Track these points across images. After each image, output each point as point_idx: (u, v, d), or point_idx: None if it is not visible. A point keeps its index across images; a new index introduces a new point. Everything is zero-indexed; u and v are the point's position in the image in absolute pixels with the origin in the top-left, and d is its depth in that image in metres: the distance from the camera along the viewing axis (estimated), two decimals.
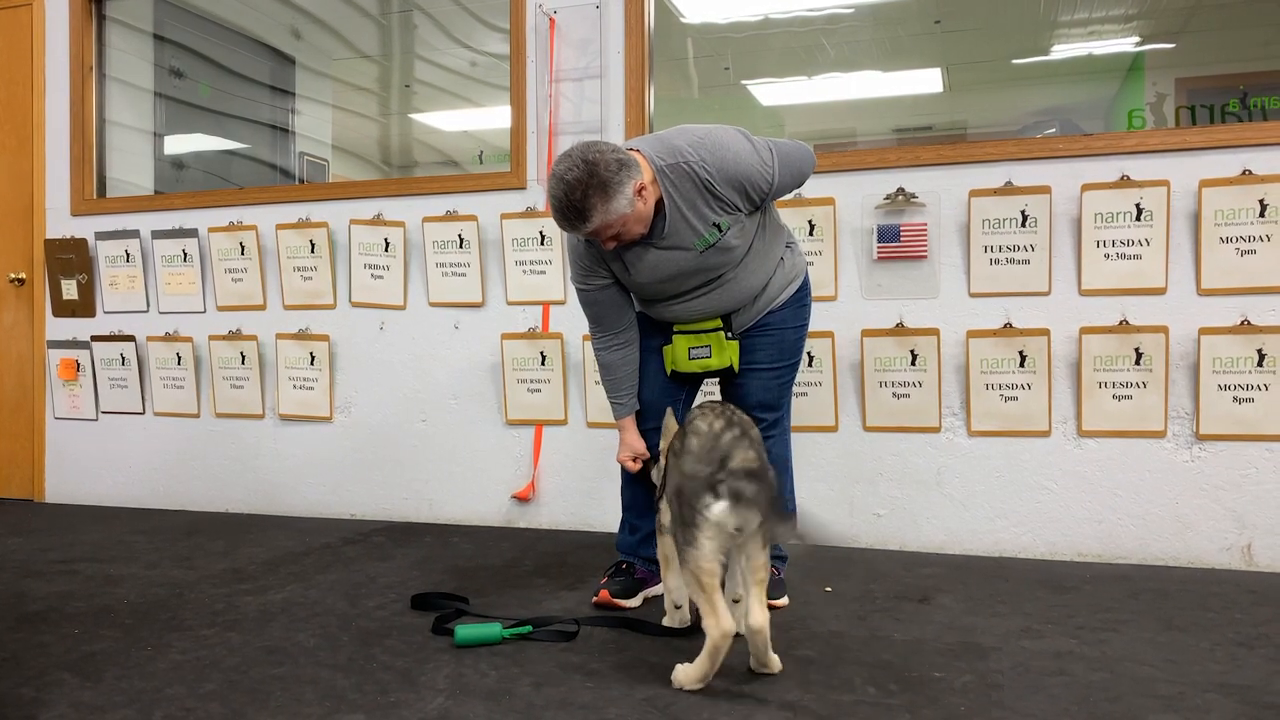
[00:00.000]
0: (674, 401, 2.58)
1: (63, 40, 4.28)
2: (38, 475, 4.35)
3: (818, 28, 5.74)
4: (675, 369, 2.53)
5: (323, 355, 3.89)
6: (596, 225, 2.21)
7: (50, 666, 2.10)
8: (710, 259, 2.36)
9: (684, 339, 2.50)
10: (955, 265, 3.20)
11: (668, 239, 2.33)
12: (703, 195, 2.28)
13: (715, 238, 2.32)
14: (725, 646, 1.90)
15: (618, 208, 2.19)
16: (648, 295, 2.50)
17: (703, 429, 2.02)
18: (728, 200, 2.29)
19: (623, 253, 2.38)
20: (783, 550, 2.67)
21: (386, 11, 5.99)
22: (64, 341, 4.29)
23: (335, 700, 1.89)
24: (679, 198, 2.29)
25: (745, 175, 2.28)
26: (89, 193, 4.28)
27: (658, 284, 2.42)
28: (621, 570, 2.61)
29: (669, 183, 2.28)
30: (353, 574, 2.92)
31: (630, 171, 2.20)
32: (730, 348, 2.49)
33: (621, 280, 2.48)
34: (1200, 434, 2.99)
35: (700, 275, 2.39)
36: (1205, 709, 1.84)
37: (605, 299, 2.50)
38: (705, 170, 2.26)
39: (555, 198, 2.22)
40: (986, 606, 2.55)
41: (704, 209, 2.29)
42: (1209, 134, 3.02)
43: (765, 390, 2.52)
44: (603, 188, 2.17)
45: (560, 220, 2.24)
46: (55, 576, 2.92)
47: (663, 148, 2.31)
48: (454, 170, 7.81)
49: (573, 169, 2.19)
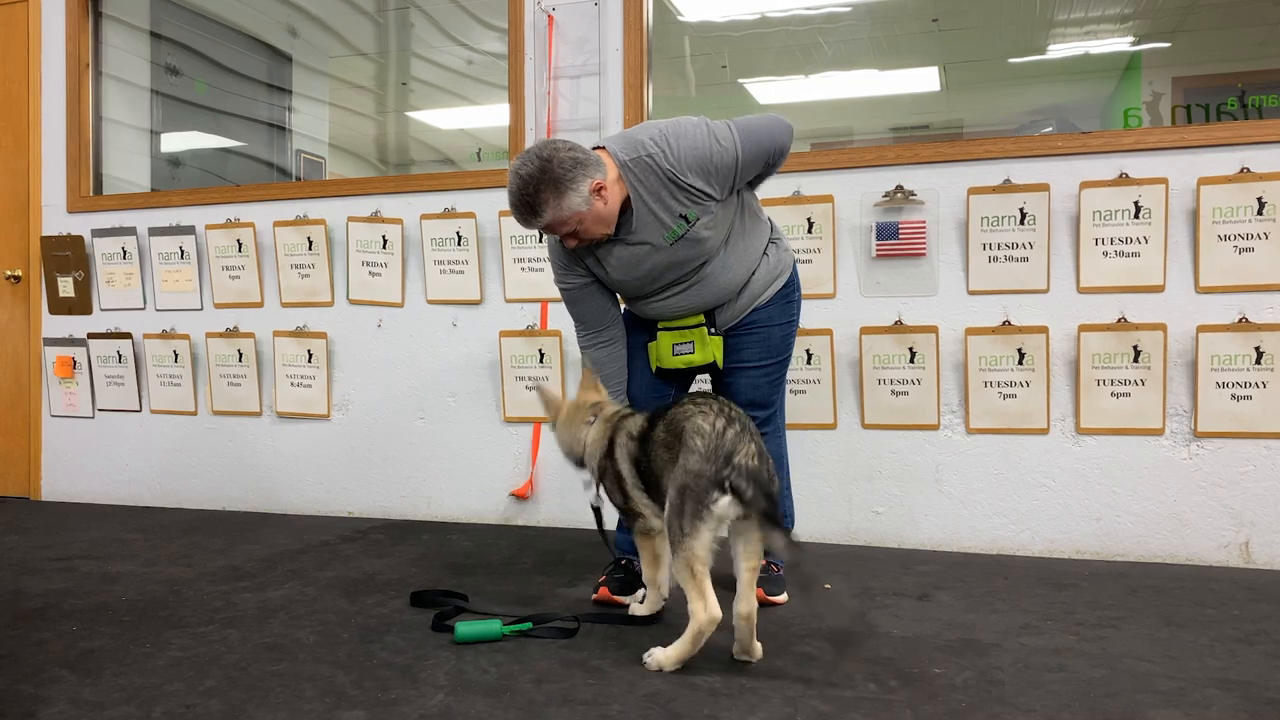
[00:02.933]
0: (663, 397, 2.58)
1: (59, 37, 4.27)
2: (34, 473, 4.34)
3: (815, 26, 5.75)
4: (660, 365, 2.54)
5: (320, 353, 3.89)
6: (549, 220, 2.25)
7: (49, 663, 2.10)
8: (681, 252, 2.36)
9: (668, 335, 2.51)
10: (954, 263, 3.21)
11: (636, 234, 2.34)
12: (667, 187, 2.29)
13: (683, 229, 2.32)
14: (709, 632, 1.99)
15: (570, 204, 2.22)
16: (628, 292, 2.50)
17: (705, 428, 2.03)
18: (695, 189, 2.29)
19: (595, 249, 2.40)
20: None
21: (383, 9, 5.99)
22: (60, 339, 4.27)
23: (336, 697, 1.89)
24: (644, 191, 2.30)
25: (706, 157, 2.28)
26: (85, 190, 4.26)
27: (634, 281, 2.42)
28: (621, 567, 2.61)
29: (633, 177, 2.30)
30: (351, 571, 2.92)
31: (587, 170, 2.23)
32: (714, 343, 2.49)
33: (600, 278, 2.48)
34: (1198, 431, 3.00)
35: (675, 270, 2.39)
36: (1205, 704, 1.84)
37: (586, 297, 2.51)
38: (667, 161, 2.28)
39: (510, 192, 2.27)
40: (985, 603, 2.55)
41: (670, 201, 2.30)
42: (1207, 132, 3.02)
43: (754, 388, 2.52)
44: (555, 184, 2.21)
45: (515, 214, 2.29)
46: (53, 574, 2.92)
47: (626, 143, 2.34)
48: (451, 168, 7.80)
49: (527, 164, 2.23)
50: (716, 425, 2.03)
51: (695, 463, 2.00)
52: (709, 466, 1.98)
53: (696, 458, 2.00)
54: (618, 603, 2.50)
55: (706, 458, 1.99)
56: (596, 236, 2.32)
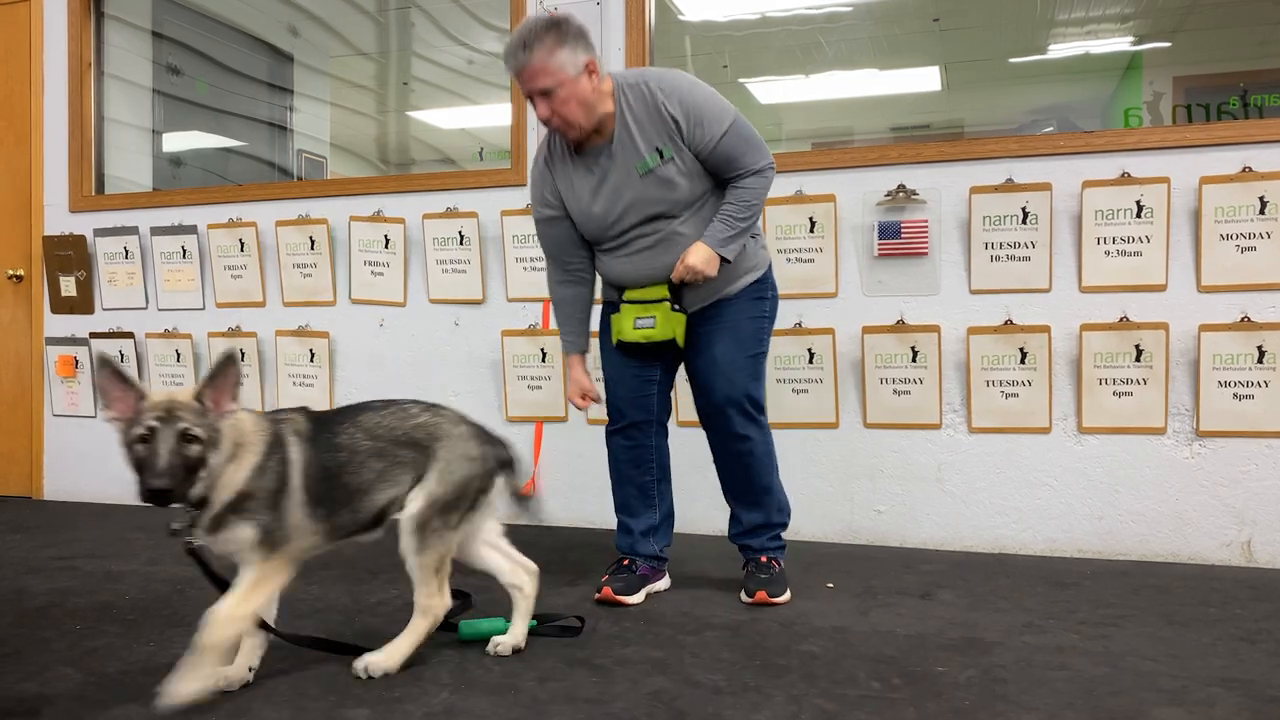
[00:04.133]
0: (645, 398, 2.61)
1: (61, 37, 4.27)
2: (36, 472, 4.34)
3: (817, 26, 5.75)
4: (620, 339, 2.53)
5: (322, 352, 3.89)
6: (535, 63, 2.30)
7: (53, 662, 2.10)
8: (650, 190, 2.40)
9: (631, 309, 2.51)
10: (956, 262, 3.21)
11: (613, 158, 2.40)
12: (651, 117, 2.38)
13: (655, 163, 2.38)
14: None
15: (561, 60, 2.30)
16: (594, 232, 2.51)
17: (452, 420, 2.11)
18: (674, 121, 2.36)
19: (571, 171, 2.47)
20: (781, 539, 2.67)
21: (384, 9, 5.99)
22: (62, 338, 4.28)
23: (340, 695, 1.89)
24: (629, 116, 2.39)
25: (699, 105, 2.38)
26: (88, 189, 4.26)
27: (599, 214, 2.46)
28: (623, 567, 2.61)
29: (625, 98, 2.40)
30: (353, 570, 2.92)
31: (589, 47, 2.35)
32: (676, 320, 2.47)
33: (571, 211, 2.52)
34: (1200, 430, 3.00)
35: (641, 209, 2.42)
36: (1209, 703, 1.84)
37: (557, 230, 2.57)
38: (661, 92, 2.38)
39: (512, 35, 2.38)
40: (988, 602, 2.56)
41: (650, 131, 2.38)
42: (1210, 131, 3.02)
43: (729, 384, 2.50)
44: (558, 34, 2.31)
45: (507, 54, 2.36)
46: (55, 573, 2.92)
47: (632, 73, 2.49)
48: (451, 168, 7.80)
49: (541, 16, 2.36)
50: (449, 415, 2.11)
51: (473, 448, 2.07)
52: (489, 449, 2.09)
53: (468, 445, 2.07)
54: (621, 603, 2.51)
55: (480, 440, 2.09)
56: (571, 120, 2.36)
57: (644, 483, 2.66)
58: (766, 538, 2.62)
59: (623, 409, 2.63)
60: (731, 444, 2.55)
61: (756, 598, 2.50)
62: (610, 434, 2.68)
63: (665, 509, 2.70)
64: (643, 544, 2.64)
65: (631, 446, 2.64)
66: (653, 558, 2.65)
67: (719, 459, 2.62)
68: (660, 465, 2.68)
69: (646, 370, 2.61)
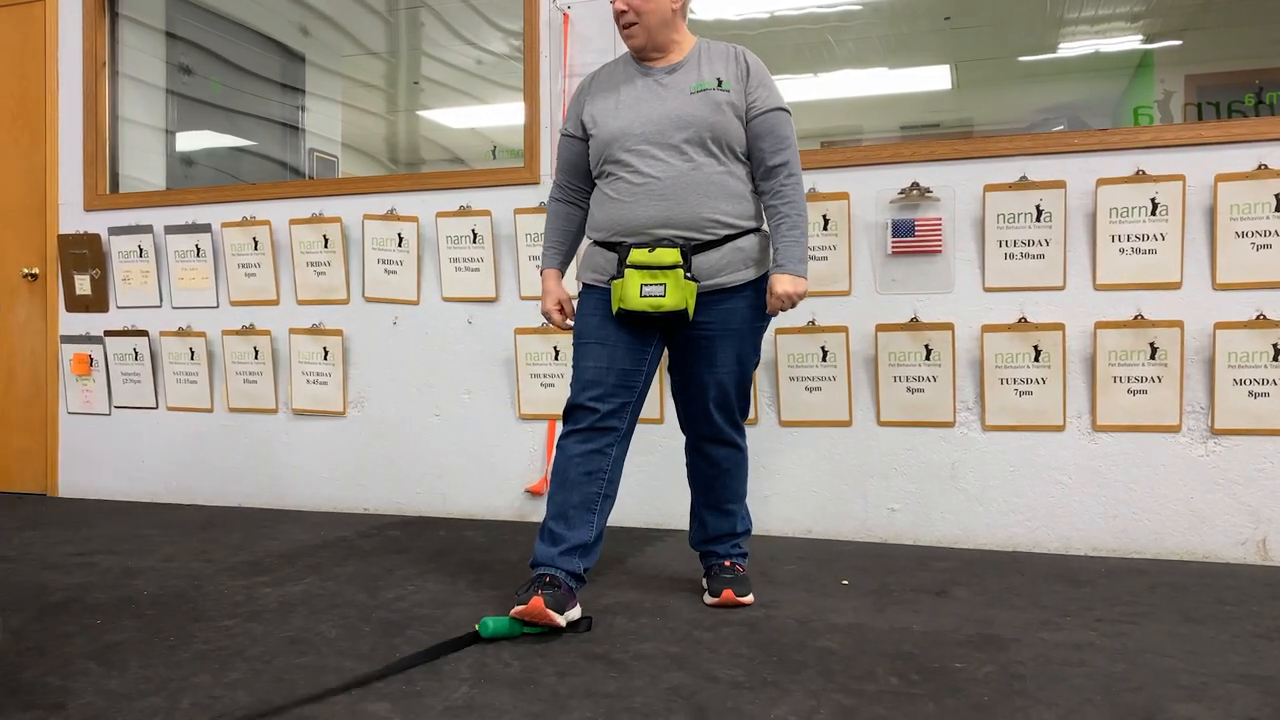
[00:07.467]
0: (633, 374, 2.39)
1: (76, 37, 4.29)
2: (50, 470, 4.36)
3: (828, 25, 5.75)
4: (623, 306, 2.31)
5: (336, 350, 3.90)
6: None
7: (75, 656, 2.11)
8: (694, 107, 2.36)
9: (637, 274, 2.29)
10: (970, 260, 3.21)
11: (675, 71, 2.42)
12: (725, 59, 2.43)
13: (712, 85, 2.38)
14: None
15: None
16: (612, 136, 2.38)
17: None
18: (745, 73, 2.42)
19: (620, 85, 2.46)
20: (743, 547, 2.61)
21: (394, 9, 6.01)
22: (77, 336, 4.30)
23: (360, 689, 1.90)
24: (704, 54, 2.45)
25: (768, 76, 2.45)
26: (102, 188, 4.28)
27: (630, 121, 2.37)
28: (546, 583, 2.27)
29: (706, 44, 2.47)
30: (370, 566, 2.93)
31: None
32: (688, 289, 2.28)
33: (598, 114, 2.44)
34: (1215, 428, 3.00)
35: (675, 128, 2.33)
36: (1229, 699, 1.84)
37: (577, 149, 2.53)
38: (741, 51, 2.46)
39: None
40: (1003, 599, 2.56)
41: (718, 66, 2.42)
42: (1225, 129, 3.02)
43: (725, 393, 2.43)
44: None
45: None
46: (74, 569, 2.94)
47: (717, 41, 2.53)
48: (460, 167, 7.82)
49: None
50: None
51: None
52: None
53: None
54: (552, 620, 2.20)
55: None
56: (643, 16, 2.37)
57: (590, 494, 2.36)
58: (730, 545, 2.58)
59: (599, 391, 2.35)
60: (718, 450, 2.51)
61: (723, 597, 2.43)
62: (566, 435, 2.38)
63: (601, 526, 2.39)
64: (565, 560, 2.32)
65: (590, 452, 2.35)
66: (574, 575, 2.33)
67: (698, 465, 2.55)
68: (612, 480, 2.39)
69: (643, 339, 2.39)
